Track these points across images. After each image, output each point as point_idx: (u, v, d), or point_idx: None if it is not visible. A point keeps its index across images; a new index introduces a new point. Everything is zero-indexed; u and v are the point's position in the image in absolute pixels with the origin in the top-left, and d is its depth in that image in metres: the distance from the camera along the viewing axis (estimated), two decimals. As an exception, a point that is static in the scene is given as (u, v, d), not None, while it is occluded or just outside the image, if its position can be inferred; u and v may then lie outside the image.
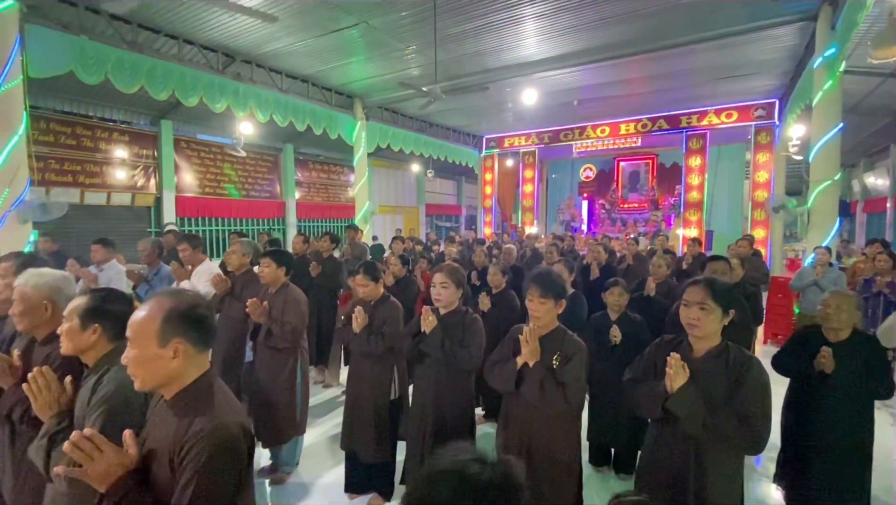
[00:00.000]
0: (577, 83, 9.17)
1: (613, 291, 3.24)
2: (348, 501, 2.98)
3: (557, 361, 2.03)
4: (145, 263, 4.37)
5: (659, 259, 4.18)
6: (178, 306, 1.18)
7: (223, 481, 1.09)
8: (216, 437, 1.10)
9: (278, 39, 6.92)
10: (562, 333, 2.11)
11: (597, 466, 3.35)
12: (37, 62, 5.32)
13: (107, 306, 1.60)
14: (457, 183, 18.89)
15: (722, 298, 1.75)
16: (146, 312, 1.17)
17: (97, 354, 1.60)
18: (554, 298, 2.04)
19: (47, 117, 7.58)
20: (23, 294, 1.74)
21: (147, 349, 1.14)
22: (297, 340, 3.03)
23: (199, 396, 1.17)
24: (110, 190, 8.54)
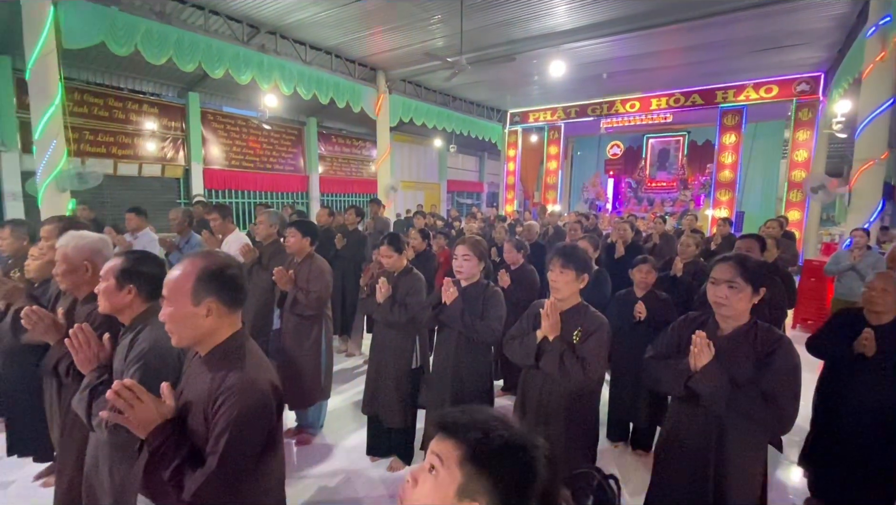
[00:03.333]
0: (607, 55, 8.81)
1: (641, 268, 3.19)
2: (370, 463, 3.10)
3: (578, 337, 2.02)
4: (176, 231, 4.52)
5: (687, 238, 4.08)
6: (210, 267, 1.22)
7: (253, 433, 1.15)
8: (247, 392, 1.15)
9: (303, 9, 6.84)
10: (584, 308, 2.09)
11: (614, 441, 3.37)
12: (70, 33, 5.42)
13: (140, 268, 1.66)
14: (479, 159, 18.64)
15: (752, 276, 1.70)
16: (180, 272, 1.21)
17: (132, 314, 1.68)
18: (576, 270, 2.01)
19: (81, 89, 7.77)
20: (65, 255, 1.83)
21: (182, 307, 1.19)
22: (321, 308, 3.11)
23: (231, 353, 1.22)
24: (141, 161, 8.77)
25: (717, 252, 4.95)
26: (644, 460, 3.15)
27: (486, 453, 0.73)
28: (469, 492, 0.73)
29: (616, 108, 12.21)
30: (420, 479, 0.77)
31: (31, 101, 5.40)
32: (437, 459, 0.76)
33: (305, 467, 3.04)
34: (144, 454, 1.13)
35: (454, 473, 0.74)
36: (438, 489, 0.75)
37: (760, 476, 1.81)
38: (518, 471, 0.74)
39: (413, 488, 0.78)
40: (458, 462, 0.74)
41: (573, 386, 2.00)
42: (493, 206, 14.94)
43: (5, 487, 2.82)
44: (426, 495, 0.76)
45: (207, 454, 1.11)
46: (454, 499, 0.73)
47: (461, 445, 0.74)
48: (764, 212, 12.16)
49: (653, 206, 13.92)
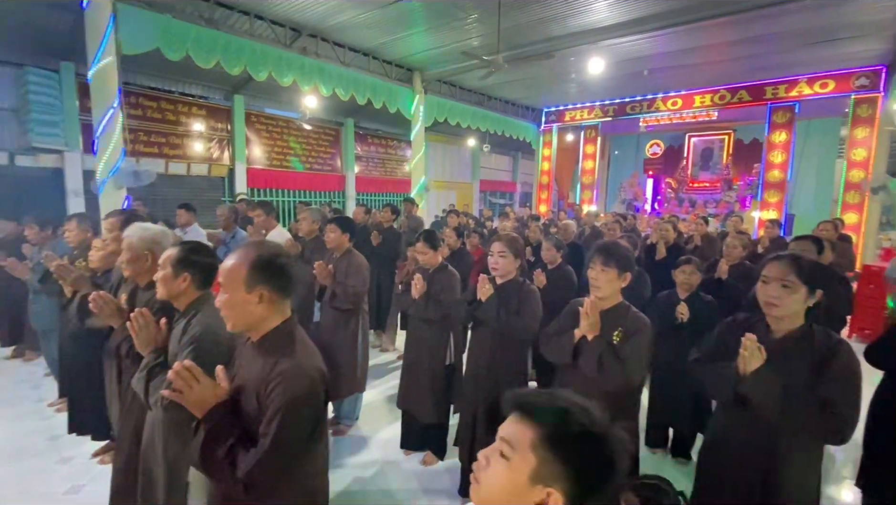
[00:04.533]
0: (649, 51, 8.55)
1: (685, 269, 3.08)
2: (403, 456, 3.14)
3: (619, 337, 1.97)
4: (222, 227, 4.72)
5: (733, 239, 3.91)
6: (263, 256, 1.28)
7: (303, 417, 1.20)
8: (298, 377, 1.19)
9: (343, 11, 7.00)
10: (625, 308, 2.04)
11: (653, 448, 3.28)
12: (127, 40, 5.76)
13: (194, 257, 1.76)
14: (512, 159, 18.49)
15: (808, 275, 1.61)
16: (235, 261, 1.27)
17: (187, 300, 1.78)
18: (617, 269, 1.96)
19: (137, 93, 8.24)
20: (130, 244, 1.96)
21: (236, 294, 1.25)
22: (359, 302, 3.18)
23: (281, 340, 1.27)
24: (190, 161, 9.23)
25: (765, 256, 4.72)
26: (685, 469, 3.05)
27: (563, 438, 0.71)
28: (543, 477, 0.70)
29: (657, 105, 11.83)
30: (492, 460, 0.75)
31: (92, 105, 5.78)
32: (508, 442, 0.74)
33: (341, 457, 3.12)
34: (200, 433, 1.19)
35: (527, 457, 0.71)
36: (510, 472, 0.72)
37: (815, 491, 1.70)
38: (597, 461, 0.71)
39: (484, 469, 0.76)
40: (531, 445, 0.71)
41: (612, 388, 1.95)
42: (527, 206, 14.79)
43: (65, 462, 3.04)
44: (497, 478, 0.74)
45: (260, 435, 1.16)
46: (527, 483, 0.71)
47: (536, 428, 0.72)
48: (817, 214, 11.45)
49: (694, 207, 13.39)
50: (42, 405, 3.80)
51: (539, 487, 0.70)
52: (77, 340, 2.77)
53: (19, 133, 7.22)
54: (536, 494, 0.71)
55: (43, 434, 3.36)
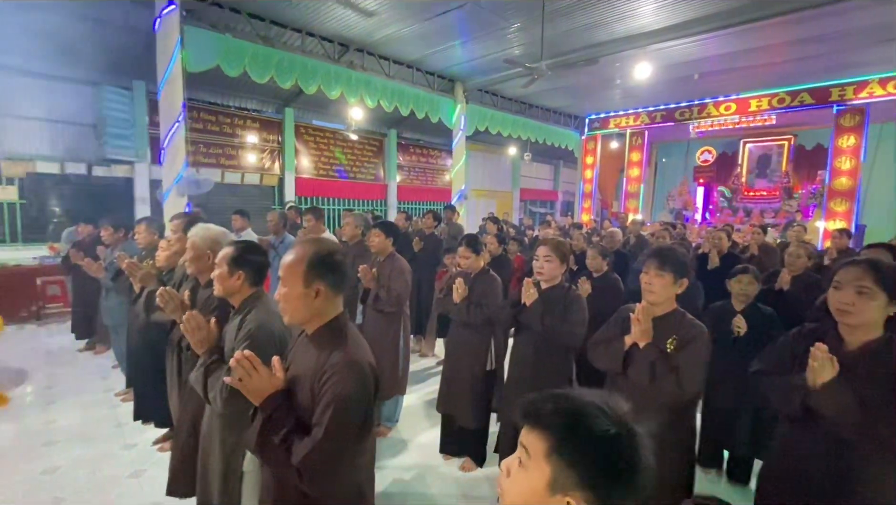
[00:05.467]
0: (700, 54, 8.24)
1: (741, 279, 2.91)
2: (442, 461, 3.13)
3: (672, 346, 1.88)
4: (272, 232, 4.95)
5: (797, 248, 3.66)
6: (320, 252, 1.33)
7: (354, 409, 1.23)
8: (351, 369, 1.23)
9: (389, 26, 7.22)
10: (680, 315, 1.94)
11: (706, 468, 3.09)
12: (192, 58, 6.21)
13: (248, 256, 1.85)
14: (554, 167, 18.23)
15: (889, 282, 1.48)
16: (294, 257, 1.33)
17: (241, 297, 1.87)
18: (673, 274, 1.88)
19: (198, 107, 8.83)
20: (193, 244, 2.09)
21: (295, 288, 1.30)
22: (401, 306, 3.23)
23: (335, 334, 1.32)
24: (244, 171, 9.76)
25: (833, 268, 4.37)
26: (743, 493, 2.85)
27: (575, 445, 0.68)
28: (560, 486, 0.68)
29: (708, 110, 11.34)
30: (512, 471, 0.74)
31: (160, 119, 6.26)
32: (525, 451, 0.73)
33: (381, 459, 3.15)
34: (258, 420, 1.24)
35: (542, 467, 0.69)
36: (528, 483, 0.71)
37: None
38: (614, 463, 0.67)
39: (506, 478, 0.75)
40: (544, 455, 0.69)
41: (666, 399, 1.86)
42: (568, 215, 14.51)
43: (129, 448, 3.25)
44: (518, 489, 0.73)
45: (314, 425, 1.20)
46: (546, 492, 0.69)
47: (546, 437, 0.70)
48: (892, 225, 10.54)
49: (750, 216, 12.66)
50: (110, 395, 4.10)
51: (558, 497, 0.69)
52: (143, 333, 2.97)
53: (96, 146, 7.92)
54: (556, 503, 0.69)
55: (110, 421, 3.62)
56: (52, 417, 3.68)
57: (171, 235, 2.82)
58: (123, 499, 2.70)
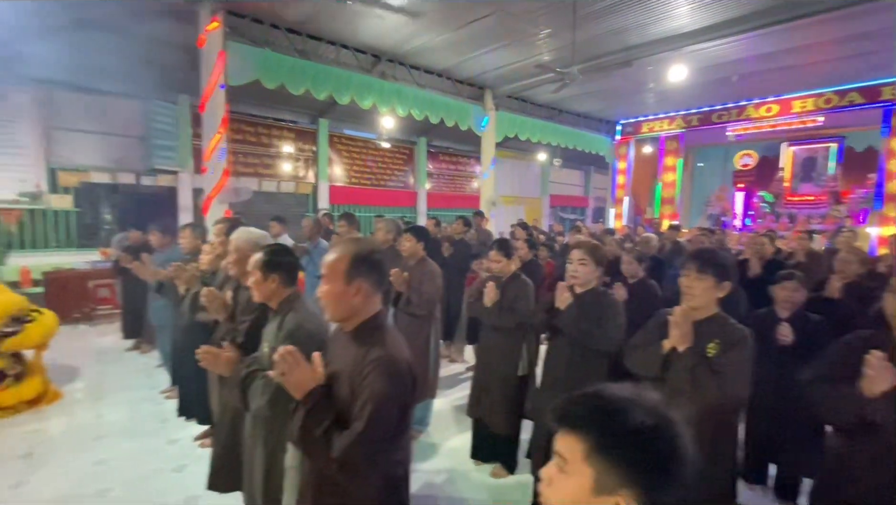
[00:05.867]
0: (739, 54, 7.97)
1: (786, 285, 2.77)
2: (473, 466, 3.11)
3: (714, 350, 1.81)
4: (307, 237, 5.09)
5: (848, 253, 3.47)
6: (362, 252, 1.37)
7: (394, 403, 1.25)
8: (390, 365, 1.26)
9: (419, 36, 7.35)
10: (722, 319, 1.86)
11: (751, 484, 2.95)
12: (233, 73, 6.51)
13: (279, 259, 1.91)
14: (584, 173, 17.96)
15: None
16: (337, 255, 1.38)
17: (278, 299, 1.93)
18: (715, 277, 1.81)
19: (238, 119, 9.21)
20: (237, 246, 2.19)
21: (337, 285, 1.34)
22: (432, 309, 3.25)
23: (374, 331, 1.35)
24: (280, 179, 10.10)
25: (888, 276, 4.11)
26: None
27: (613, 443, 0.67)
28: (605, 487, 0.67)
29: (748, 113, 10.93)
30: (553, 478, 0.73)
31: (203, 131, 6.57)
32: (562, 457, 0.71)
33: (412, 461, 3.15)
34: (300, 413, 1.28)
35: (583, 470, 0.68)
36: (572, 489, 0.70)
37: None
38: (656, 455, 0.66)
39: (548, 487, 0.74)
40: (583, 457, 0.68)
41: (707, 406, 1.79)
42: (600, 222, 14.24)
43: (173, 444, 3.39)
44: (562, 496, 0.71)
45: (353, 419, 1.23)
46: (592, 497, 0.68)
47: (582, 438, 0.69)
48: (955, 231, 9.80)
49: (794, 222, 12.06)
50: (154, 392, 4.30)
51: (605, 498, 0.67)
52: (188, 333, 3.11)
53: (144, 157, 8.39)
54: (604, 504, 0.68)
55: (155, 417, 3.79)
56: (101, 413, 3.89)
57: (215, 238, 2.95)
58: (167, 492, 2.81)
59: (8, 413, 3.77)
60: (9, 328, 3.84)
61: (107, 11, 6.30)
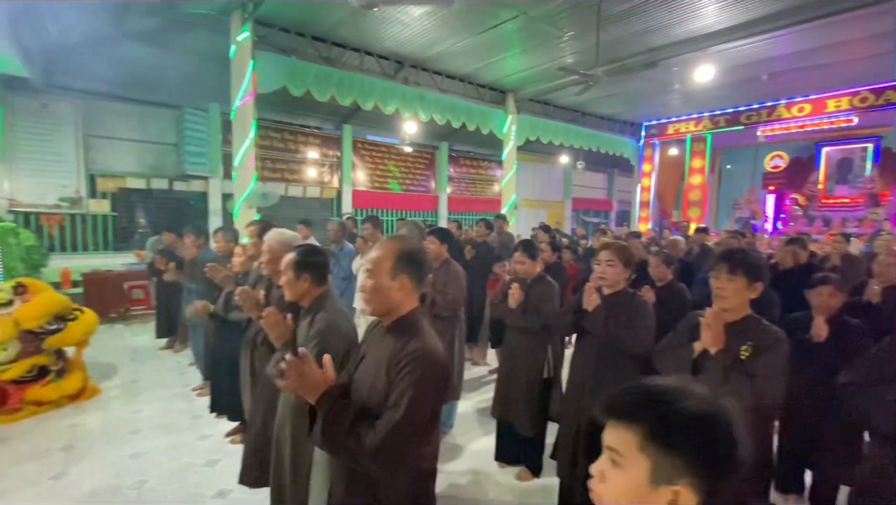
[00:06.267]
0: (769, 53, 7.77)
1: (822, 290, 2.67)
2: (498, 468, 3.11)
3: (747, 353, 1.77)
4: (333, 240, 5.18)
5: (888, 256, 3.33)
6: (405, 249, 1.41)
7: (429, 395, 1.27)
8: (428, 357, 1.28)
9: (442, 42, 7.43)
10: (755, 321, 1.82)
11: (785, 494, 2.85)
12: (262, 80, 6.70)
13: (310, 259, 1.96)
14: (608, 176, 17.72)
15: None
16: (382, 251, 1.41)
17: (310, 298, 1.98)
18: (747, 277, 1.77)
19: (266, 126, 9.47)
20: (269, 247, 2.26)
21: (381, 280, 1.38)
22: (456, 310, 3.27)
23: (412, 325, 1.38)
24: (305, 184, 10.33)
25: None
26: (828, 520, 2.60)
27: (667, 431, 0.66)
28: (663, 477, 0.67)
29: (779, 113, 10.62)
30: (606, 474, 0.73)
31: (233, 138, 6.78)
32: (615, 451, 0.71)
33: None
34: (319, 420, 1.27)
35: (638, 462, 0.68)
36: (628, 482, 0.69)
37: None
38: (714, 442, 0.66)
39: (601, 483, 0.73)
40: (638, 448, 0.68)
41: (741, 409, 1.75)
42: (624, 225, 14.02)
43: (205, 439, 3.49)
44: (618, 490, 0.71)
45: (389, 408, 1.24)
46: (649, 487, 0.68)
47: (635, 429, 0.68)
48: None
49: (829, 226, 11.62)
50: (187, 389, 4.44)
51: (663, 488, 0.67)
52: (221, 331, 3.21)
53: (177, 163, 8.70)
54: (663, 496, 0.67)
55: (187, 414, 3.92)
56: (137, 408, 4.05)
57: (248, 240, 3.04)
58: (199, 484, 2.90)
59: (50, 407, 3.95)
60: (52, 326, 4.04)
61: (144, 25, 6.60)
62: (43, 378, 3.97)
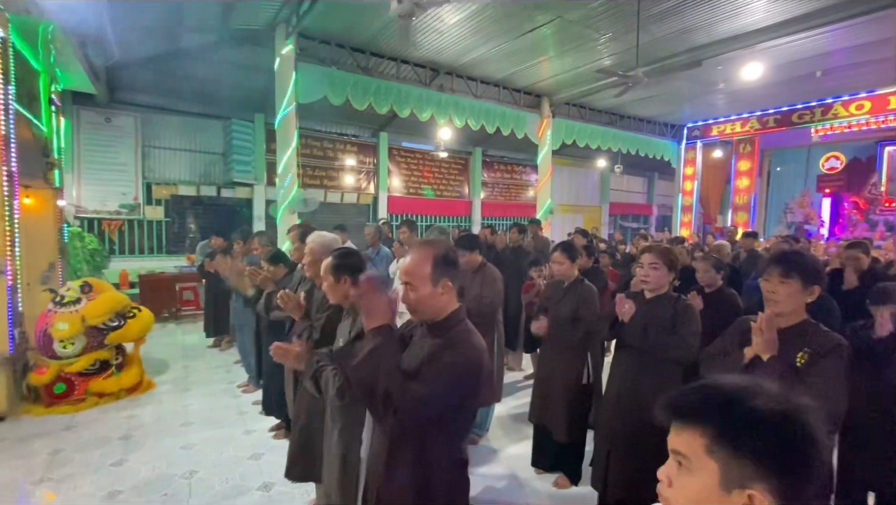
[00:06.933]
0: (823, 48, 7.35)
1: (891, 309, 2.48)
2: (534, 474, 3.07)
3: (803, 360, 1.67)
4: (370, 244, 5.30)
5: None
6: (440, 252, 1.41)
7: (462, 380, 1.29)
8: (468, 344, 1.33)
9: (477, 48, 7.48)
10: (811, 326, 1.71)
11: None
12: (304, 91, 6.98)
13: (347, 261, 2.01)
14: (647, 180, 17.21)
15: None
16: (417, 260, 1.39)
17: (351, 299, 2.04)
18: (802, 280, 1.67)
19: (306, 135, 9.83)
20: (311, 249, 2.35)
21: (424, 289, 1.37)
22: (494, 314, 3.27)
23: (456, 322, 1.40)
24: (343, 191, 10.63)
25: None
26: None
27: (737, 432, 0.63)
28: (735, 481, 0.63)
29: (835, 111, 10.00)
30: (674, 478, 0.70)
31: (277, 146, 7.08)
32: (681, 455, 0.68)
33: (473, 465, 3.15)
34: (368, 344, 1.29)
35: (707, 465, 0.64)
36: (697, 486, 0.66)
37: None
38: (789, 443, 0.61)
39: (669, 488, 0.70)
40: (706, 451, 0.64)
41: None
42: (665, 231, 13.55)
43: (249, 434, 3.64)
44: (687, 495, 0.68)
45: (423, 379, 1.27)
46: (720, 493, 0.64)
47: (703, 430, 0.65)
48: None
49: (894, 232, 10.81)
50: (232, 386, 4.64)
51: (736, 492, 0.63)
52: (269, 331, 3.35)
53: (225, 171, 9.16)
54: (736, 501, 0.63)
55: (233, 409, 4.10)
56: (187, 402, 4.26)
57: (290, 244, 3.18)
58: (245, 476, 3.03)
59: (110, 399, 4.23)
60: (114, 322, 4.33)
61: (197, 42, 7.02)
62: (104, 371, 4.26)
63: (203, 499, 2.79)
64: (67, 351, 4.10)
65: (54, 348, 4.08)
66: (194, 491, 2.86)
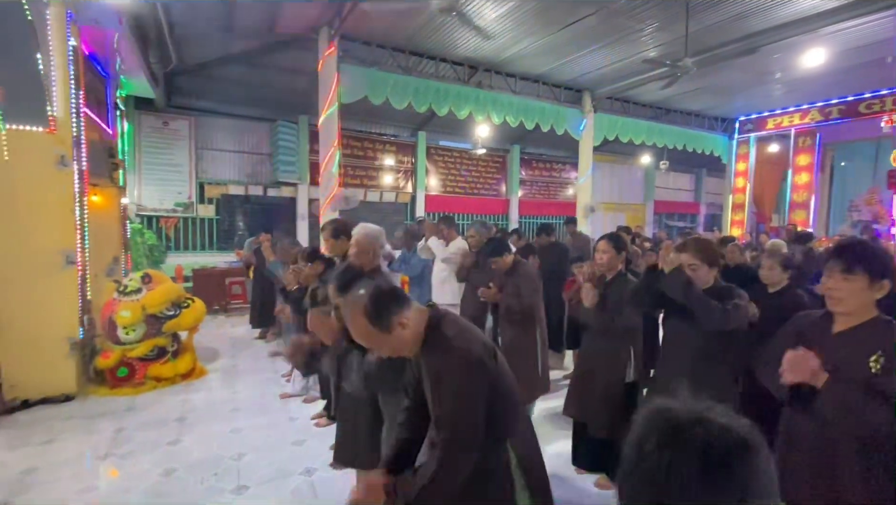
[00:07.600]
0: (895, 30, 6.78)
1: None
2: (574, 473, 3.00)
3: (878, 364, 1.47)
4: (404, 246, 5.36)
5: None
6: (364, 303, 1.38)
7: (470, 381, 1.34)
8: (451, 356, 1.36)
9: (517, 43, 7.40)
10: (885, 324, 1.50)
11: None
12: (346, 91, 7.16)
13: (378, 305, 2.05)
14: (695, 177, 16.44)
15: None
16: (355, 329, 1.42)
17: None
18: (868, 274, 1.46)
19: (348, 135, 10.08)
20: (357, 241, 2.43)
21: (382, 339, 1.40)
22: (533, 310, 3.23)
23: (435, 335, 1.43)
24: (382, 190, 10.82)
25: None
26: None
27: None
28: None
29: (908, 99, 9.18)
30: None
31: (319, 147, 7.30)
32: None
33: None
34: None
35: None
36: None
37: None
38: None
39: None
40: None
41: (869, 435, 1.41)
42: (714, 230, 12.91)
43: (293, 421, 3.78)
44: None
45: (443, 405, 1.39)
46: None
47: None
48: None
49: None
50: (277, 375, 4.83)
51: None
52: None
53: (270, 171, 9.55)
54: None
55: (278, 398, 4.26)
56: (236, 389, 4.48)
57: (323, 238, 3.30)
58: (289, 461, 3.14)
59: (166, 383, 4.51)
60: (170, 312, 4.61)
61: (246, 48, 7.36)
62: (162, 357, 4.55)
63: (250, 480, 2.91)
64: (129, 337, 4.40)
65: (118, 334, 4.39)
66: (242, 472, 3.00)
